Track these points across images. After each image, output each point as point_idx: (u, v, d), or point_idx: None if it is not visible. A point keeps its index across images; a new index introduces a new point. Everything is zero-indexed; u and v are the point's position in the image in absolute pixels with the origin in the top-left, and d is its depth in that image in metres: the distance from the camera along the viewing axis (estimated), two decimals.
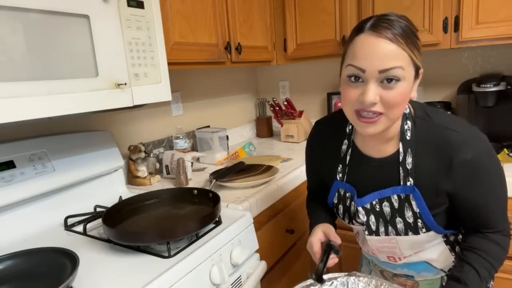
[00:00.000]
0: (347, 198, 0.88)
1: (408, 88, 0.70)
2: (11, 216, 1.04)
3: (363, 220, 0.84)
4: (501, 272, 1.29)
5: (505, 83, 1.49)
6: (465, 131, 0.74)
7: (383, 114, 0.70)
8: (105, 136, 1.32)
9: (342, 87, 0.74)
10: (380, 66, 0.66)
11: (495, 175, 0.76)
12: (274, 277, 1.37)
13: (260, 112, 2.36)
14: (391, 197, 0.81)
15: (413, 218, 0.79)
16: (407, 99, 0.72)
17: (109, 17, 0.94)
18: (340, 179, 0.88)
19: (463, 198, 0.76)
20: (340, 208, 0.90)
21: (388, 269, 0.97)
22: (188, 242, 0.93)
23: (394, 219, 0.81)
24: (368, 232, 0.85)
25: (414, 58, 0.69)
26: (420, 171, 0.76)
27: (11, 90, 0.76)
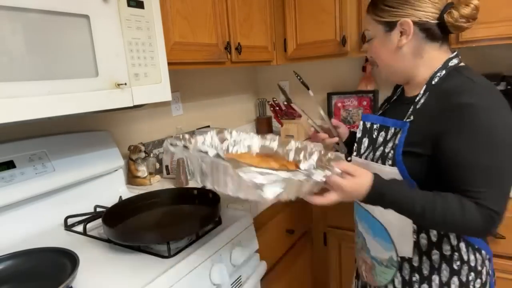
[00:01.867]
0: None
1: (378, 43, 0.86)
2: (11, 216, 1.04)
3: (358, 136, 0.94)
4: (501, 272, 1.29)
5: (505, 83, 1.49)
6: (482, 82, 0.74)
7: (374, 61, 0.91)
8: (105, 136, 1.32)
9: None
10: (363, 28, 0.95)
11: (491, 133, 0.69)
12: (274, 277, 1.37)
13: (260, 112, 2.36)
14: (390, 128, 0.85)
15: (390, 149, 0.82)
16: (382, 50, 0.86)
17: (109, 17, 0.94)
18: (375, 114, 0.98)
19: (447, 147, 0.73)
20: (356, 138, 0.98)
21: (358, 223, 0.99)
22: (188, 242, 0.93)
23: (380, 147, 0.86)
24: (357, 152, 0.94)
25: (377, 18, 0.84)
26: (423, 111, 0.79)
27: (11, 90, 0.76)
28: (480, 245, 0.84)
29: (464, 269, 0.82)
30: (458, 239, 0.82)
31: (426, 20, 0.78)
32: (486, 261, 0.85)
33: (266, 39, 1.83)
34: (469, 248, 0.82)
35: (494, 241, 1.28)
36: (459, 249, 0.82)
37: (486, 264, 0.85)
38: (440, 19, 0.78)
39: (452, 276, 0.82)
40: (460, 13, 0.76)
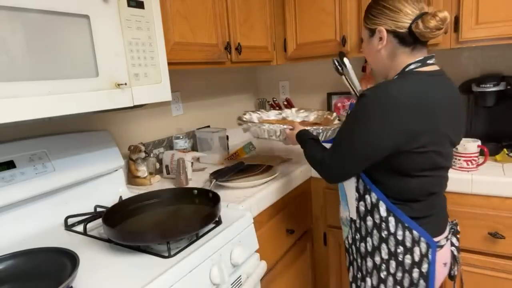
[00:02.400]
0: None
1: (366, 45, 1.04)
2: (11, 216, 1.04)
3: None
4: (501, 272, 1.29)
5: (505, 83, 1.49)
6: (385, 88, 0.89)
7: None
8: (105, 136, 1.32)
9: None
10: None
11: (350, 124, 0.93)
12: (274, 277, 1.37)
13: None
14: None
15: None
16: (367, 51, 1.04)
17: (109, 17, 0.94)
18: None
19: None
20: None
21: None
22: (188, 242, 0.93)
23: None
24: None
25: (365, 24, 1.01)
26: None
27: (11, 90, 0.76)
28: (412, 226, 0.94)
29: (391, 239, 0.96)
30: (388, 213, 0.95)
31: (395, 29, 0.93)
32: (421, 244, 0.93)
33: (266, 39, 1.83)
34: (398, 224, 0.94)
35: (494, 241, 1.28)
36: (388, 221, 0.95)
37: (421, 246, 0.93)
38: (409, 29, 0.91)
39: (381, 243, 0.97)
40: (425, 24, 0.89)
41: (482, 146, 1.33)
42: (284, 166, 1.57)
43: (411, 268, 0.95)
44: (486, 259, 1.31)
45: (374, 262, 1.00)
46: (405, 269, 0.95)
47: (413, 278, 0.95)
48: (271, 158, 1.70)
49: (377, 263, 0.99)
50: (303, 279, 1.64)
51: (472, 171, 1.31)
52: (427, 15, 0.90)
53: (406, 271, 0.95)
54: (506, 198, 1.24)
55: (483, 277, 1.33)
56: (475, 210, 1.29)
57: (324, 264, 1.72)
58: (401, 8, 0.91)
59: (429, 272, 0.94)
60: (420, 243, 0.93)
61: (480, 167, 1.35)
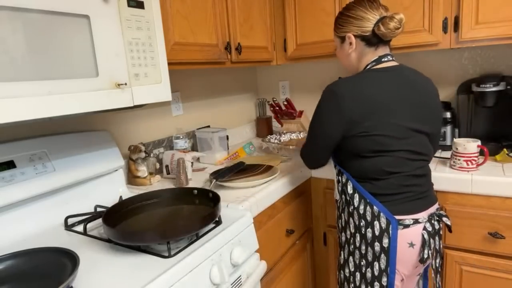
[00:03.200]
0: None
1: (338, 51, 1.21)
2: (11, 216, 1.04)
3: None
4: (501, 272, 1.29)
5: (504, 83, 1.49)
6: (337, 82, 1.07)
7: None
8: (105, 136, 1.32)
9: None
10: None
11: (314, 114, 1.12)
12: (274, 277, 1.37)
13: (260, 112, 2.36)
14: None
15: None
16: (340, 56, 1.21)
17: (109, 17, 0.94)
18: None
19: None
20: None
21: None
22: (188, 242, 0.93)
23: None
24: None
25: (335, 33, 1.18)
26: None
27: (11, 90, 0.76)
28: (372, 201, 1.05)
29: (355, 214, 1.09)
30: (353, 190, 1.09)
31: (361, 33, 1.09)
32: (381, 219, 1.03)
33: (266, 39, 1.83)
34: (361, 200, 1.07)
35: (494, 241, 1.28)
36: (353, 197, 1.09)
37: (380, 221, 1.04)
38: (373, 31, 1.07)
39: (349, 218, 1.12)
40: (386, 26, 1.04)
41: (482, 146, 1.33)
42: (284, 166, 1.57)
43: (373, 241, 1.05)
44: (486, 259, 1.31)
45: (346, 237, 1.15)
46: (367, 242, 1.06)
47: (375, 251, 1.05)
48: (271, 158, 1.70)
49: (348, 237, 1.14)
50: (303, 279, 1.64)
51: (472, 171, 1.31)
52: (385, 18, 1.05)
53: (369, 244, 1.06)
54: (506, 198, 1.24)
55: (483, 277, 1.33)
56: (475, 210, 1.29)
57: (324, 264, 1.72)
58: (363, 16, 1.07)
59: (390, 247, 1.03)
60: (380, 218, 1.04)
61: (480, 167, 1.35)
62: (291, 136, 1.94)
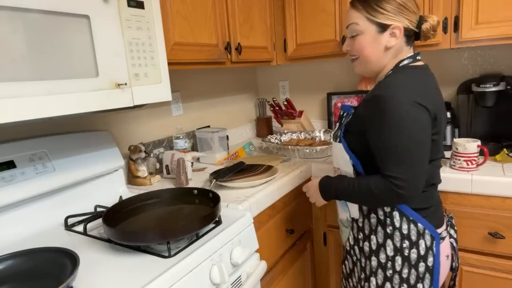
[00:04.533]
0: None
1: (367, 40, 0.98)
2: (11, 216, 1.04)
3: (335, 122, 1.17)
4: (501, 272, 1.29)
5: (504, 83, 1.49)
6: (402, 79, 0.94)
7: (358, 58, 1.03)
8: (105, 136, 1.32)
9: None
10: (347, 23, 1.03)
11: (395, 123, 0.87)
12: (274, 277, 1.37)
13: (260, 112, 2.36)
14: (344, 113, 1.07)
15: (338, 129, 1.06)
16: (369, 47, 0.98)
17: (109, 17, 0.94)
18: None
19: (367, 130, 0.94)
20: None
21: None
22: (188, 242, 0.93)
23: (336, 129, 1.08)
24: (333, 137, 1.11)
25: (370, 17, 0.96)
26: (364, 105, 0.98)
27: (11, 90, 0.76)
28: (416, 218, 0.95)
29: (397, 235, 0.96)
30: (392, 209, 0.96)
31: (411, 28, 0.96)
32: (426, 236, 0.95)
33: (266, 39, 1.83)
34: (403, 218, 0.95)
35: (494, 241, 1.28)
36: (392, 216, 0.96)
37: (425, 239, 0.95)
38: (418, 28, 0.97)
39: (386, 239, 0.98)
40: (431, 24, 0.96)
41: (482, 146, 1.33)
42: (284, 166, 1.57)
43: (417, 262, 0.95)
44: (486, 259, 1.31)
45: (379, 261, 0.99)
46: (411, 264, 0.95)
47: (419, 273, 0.95)
48: (271, 158, 1.70)
49: (382, 261, 0.98)
50: (303, 279, 1.64)
51: (472, 171, 1.31)
52: (425, 16, 0.98)
53: (412, 266, 0.95)
54: (506, 198, 1.24)
55: (483, 277, 1.33)
56: (475, 210, 1.29)
57: (324, 264, 1.72)
58: (414, 10, 0.95)
59: (434, 265, 0.94)
60: (425, 236, 0.94)
61: (480, 167, 1.35)
62: (291, 136, 1.94)
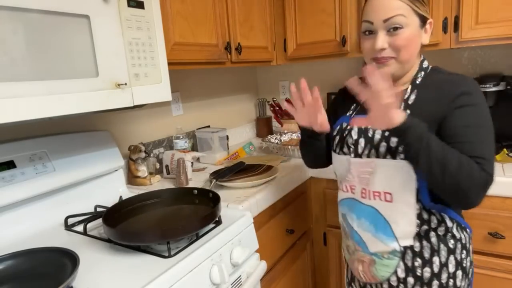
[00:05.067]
0: (345, 130, 0.97)
1: (412, 34, 0.84)
2: (11, 216, 1.04)
3: (353, 139, 0.92)
4: (501, 272, 1.29)
5: (505, 83, 1.49)
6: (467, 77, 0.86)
7: (393, 58, 0.86)
8: (105, 136, 1.32)
9: (361, 42, 0.91)
10: (383, 16, 0.82)
11: (486, 116, 0.83)
12: (274, 277, 1.37)
13: (260, 112, 2.36)
14: None
15: (396, 144, 0.85)
16: (413, 43, 0.85)
17: (109, 17, 0.94)
18: (348, 115, 1.00)
19: (453, 125, 0.82)
20: (336, 139, 0.99)
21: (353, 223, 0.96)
22: (188, 242, 0.93)
23: (380, 144, 0.88)
24: (354, 154, 0.93)
25: (415, 8, 0.83)
26: (418, 104, 0.86)
27: (11, 90, 0.76)
28: (465, 224, 0.90)
29: (458, 247, 0.89)
30: (451, 219, 0.88)
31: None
32: (470, 239, 0.93)
33: (266, 39, 1.83)
34: (458, 227, 0.89)
35: (494, 241, 1.28)
36: (452, 228, 0.88)
37: (471, 242, 0.93)
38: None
39: (449, 256, 0.88)
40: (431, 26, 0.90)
41: None
42: (284, 166, 1.57)
43: (469, 269, 0.91)
44: (486, 259, 1.31)
45: (440, 283, 0.88)
46: (466, 273, 0.90)
47: (470, 282, 0.92)
48: (271, 158, 1.70)
49: (444, 282, 0.88)
50: (303, 279, 1.64)
51: None
52: None
53: (466, 275, 0.90)
54: (506, 198, 1.24)
55: (483, 277, 1.33)
56: (475, 210, 1.29)
57: (324, 264, 1.72)
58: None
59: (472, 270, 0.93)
60: (470, 240, 0.92)
61: None
62: (291, 136, 1.94)
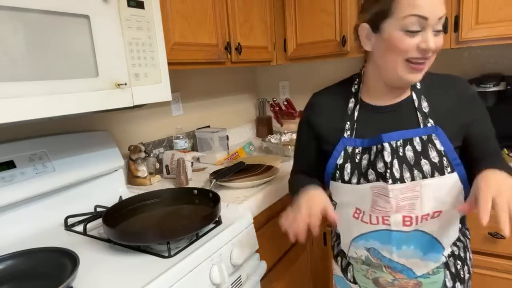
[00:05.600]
0: (357, 154, 0.86)
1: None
2: (11, 216, 1.04)
3: (388, 161, 0.80)
4: (501, 272, 1.29)
5: (505, 83, 1.49)
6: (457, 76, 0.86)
7: (427, 60, 0.77)
8: (105, 136, 1.32)
9: (395, 38, 0.75)
10: (440, 13, 0.72)
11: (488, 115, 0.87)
12: (274, 277, 1.37)
13: (260, 112, 2.36)
14: (413, 140, 0.81)
15: (438, 157, 0.79)
16: None
17: (109, 17, 0.94)
18: (348, 136, 0.88)
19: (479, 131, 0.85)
20: (347, 167, 0.86)
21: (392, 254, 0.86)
22: (188, 242, 0.93)
23: (419, 161, 0.80)
24: (392, 179, 0.80)
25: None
26: (438, 111, 0.83)
27: (11, 90, 0.76)
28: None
29: (468, 244, 0.93)
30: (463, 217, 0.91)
31: None
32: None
33: (266, 39, 1.83)
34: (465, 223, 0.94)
35: (494, 241, 1.28)
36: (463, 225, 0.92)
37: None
38: None
39: (465, 250, 0.92)
40: None
41: None
42: (284, 166, 1.57)
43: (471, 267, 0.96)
44: (486, 259, 1.31)
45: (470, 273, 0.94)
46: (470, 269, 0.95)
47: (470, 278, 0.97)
48: (271, 158, 1.70)
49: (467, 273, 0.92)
50: (303, 279, 1.64)
51: None
52: None
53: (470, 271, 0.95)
54: None
55: (483, 277, 1.33)
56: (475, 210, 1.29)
57: (324, 264, 1.72)
58: None
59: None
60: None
61: None
62: (291, 136, 1.94)
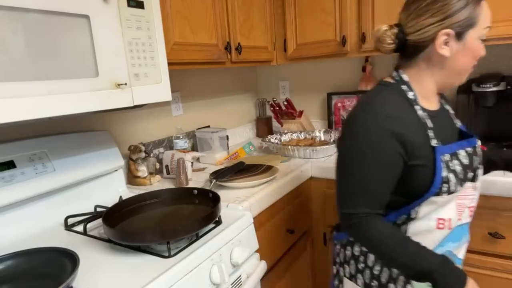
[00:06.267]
0: (452, 160, 0.84)
1: None
2: (11, 216, 1.04)
3: (474, 163, 0.89)
4: (501, 272, 1.29)
5: (505, 83, 1.49)
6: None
7: None
8: (105, 136, 1.32)
9: (478, 46, 0.84)
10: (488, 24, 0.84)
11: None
12: (274, 277, 1.37)
13: (260, 112, 2.36)
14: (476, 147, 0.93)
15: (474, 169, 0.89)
16: None
17: (109, 17, 0.94)
18: (438, 144, 0.83)
19: None
20: (451, 177, 0.82)
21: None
22: (188, 242, 0.93)
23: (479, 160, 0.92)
24: (476, 178, 0.90)
25: None
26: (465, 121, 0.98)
27: (11, 90, 0.76)
28: None
29: None
30: None
31: None
32: None
33: (266, 39, 1.83)
34: None
35: (494, 241, 1.28)
36: None
37: None
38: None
39: None
40: None
41: (482, 146, 1.32)
42: (284, 166, 1.57)
43: None
44: (486, 259, 1.31)
45: None
46: None
47: None
48: (271, 158, 1.70)
49: None
50: (303, 279, 1.64)
51: None
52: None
53: None
54: (506, 198, 1.24)
55: (483, 277, 1.33)
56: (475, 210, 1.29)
57: (324, 264, 1.72)
58: None
59: None
60: None
61: None
62: (291, 136, 1.94)
